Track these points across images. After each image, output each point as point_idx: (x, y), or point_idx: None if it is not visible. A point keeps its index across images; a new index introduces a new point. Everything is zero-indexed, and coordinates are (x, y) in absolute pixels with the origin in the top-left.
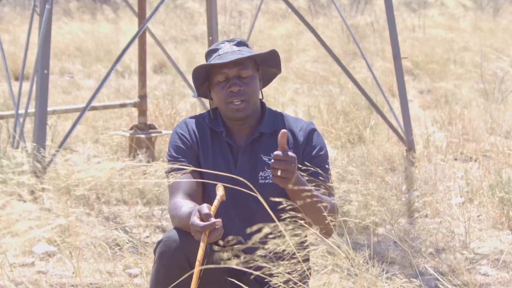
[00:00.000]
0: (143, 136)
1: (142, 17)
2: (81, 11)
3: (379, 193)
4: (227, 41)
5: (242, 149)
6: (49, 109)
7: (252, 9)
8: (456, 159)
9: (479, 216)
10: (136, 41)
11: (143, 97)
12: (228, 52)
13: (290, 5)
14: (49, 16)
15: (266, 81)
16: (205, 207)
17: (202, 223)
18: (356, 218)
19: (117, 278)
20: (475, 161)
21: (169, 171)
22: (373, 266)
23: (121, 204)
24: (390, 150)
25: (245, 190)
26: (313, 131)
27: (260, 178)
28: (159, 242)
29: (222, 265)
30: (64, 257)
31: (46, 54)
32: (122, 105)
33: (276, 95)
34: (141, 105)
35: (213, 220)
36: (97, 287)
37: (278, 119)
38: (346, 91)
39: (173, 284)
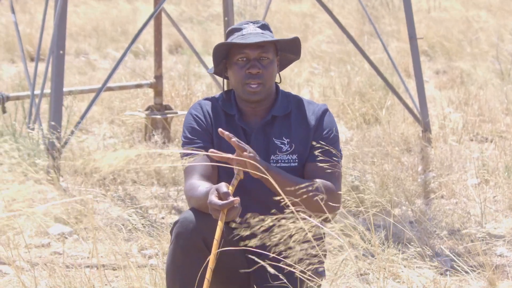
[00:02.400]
0: (159, 116)
1: None
2: None
3: (395, 174)
4: (251, 22)
5: (254, 131)
6: (64, 89)
7: None
8: (472, 140)
9: (495, 197)
10: (152, 22)
11: (159, 77)
12: (252, 34)
13: None
14: None
15: (283, 65)
16: (223, 186)
17: (220, 202)
18: (372, 199)
19: (132, 259)
20: (491, 141)
21: (184, 154)
22: (389, 247)
23: (137, 185)
24: (406, 130)
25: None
26: (325, 112)
27: (272, 161)
28: (175, 223)
29: (241, 247)
30: (80, 238)
31: (62, 35)
32: (138, 86)
33: (292, 76)
34: (157, 86)
35: (231, 198)
36: (113, 268)
37: (291, 101)
38: (362, 71)
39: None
